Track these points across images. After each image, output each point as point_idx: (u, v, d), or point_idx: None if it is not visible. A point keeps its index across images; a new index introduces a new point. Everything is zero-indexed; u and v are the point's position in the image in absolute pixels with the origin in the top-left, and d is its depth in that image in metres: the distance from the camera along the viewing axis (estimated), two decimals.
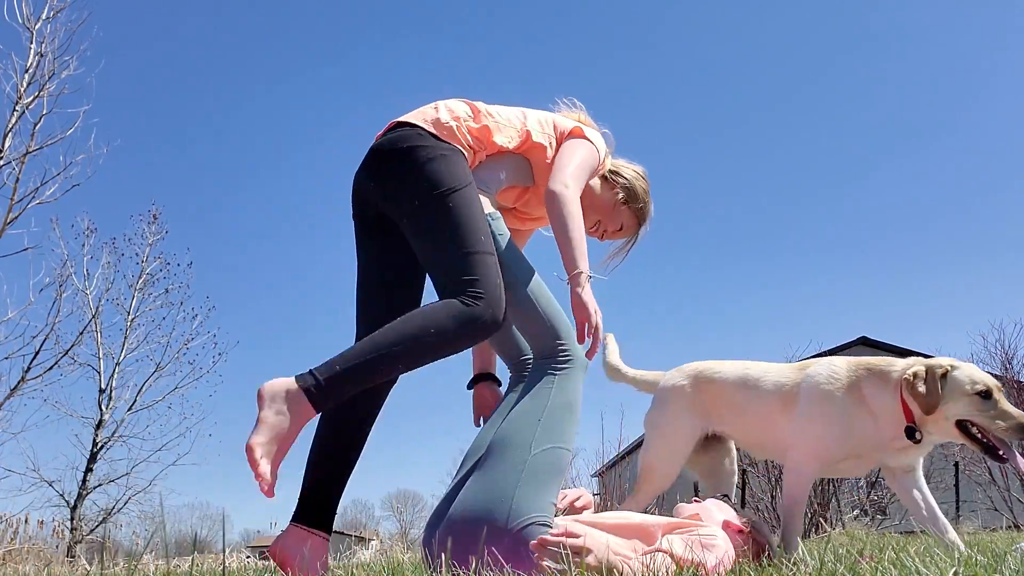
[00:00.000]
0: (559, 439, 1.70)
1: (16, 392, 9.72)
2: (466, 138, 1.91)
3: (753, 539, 1.76)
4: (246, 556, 9.77)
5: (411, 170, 1.80)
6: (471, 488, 1.66)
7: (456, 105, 1.96)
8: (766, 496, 9.25)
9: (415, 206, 1.79)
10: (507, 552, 1.54)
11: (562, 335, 1.83)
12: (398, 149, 1.84)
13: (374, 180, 1.88)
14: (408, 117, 1.92)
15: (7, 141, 7.61)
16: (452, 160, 1.83)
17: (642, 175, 2.26)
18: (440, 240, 1.75)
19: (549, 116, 2.12)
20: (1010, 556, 1.52)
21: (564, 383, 1.78)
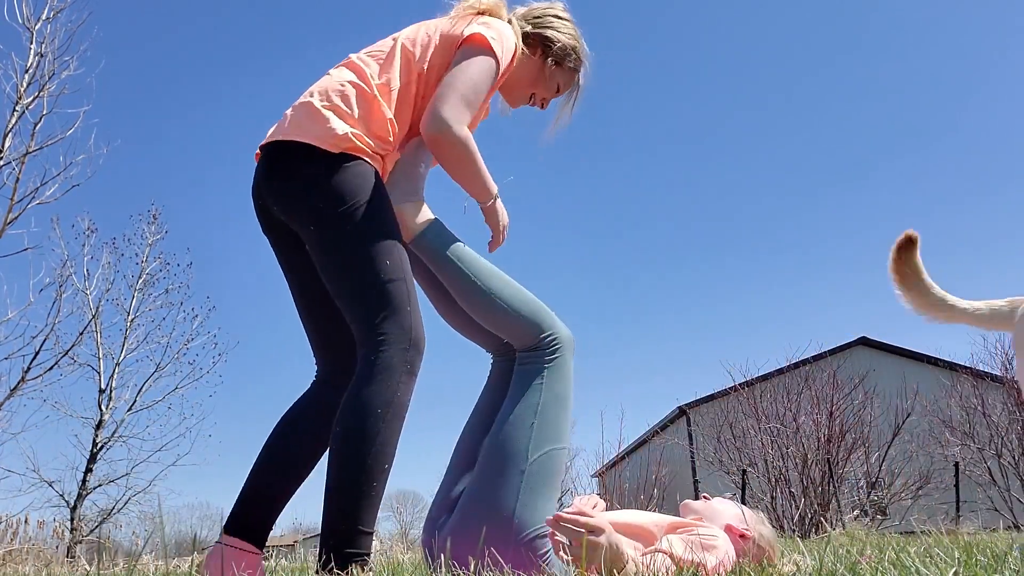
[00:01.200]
0: (555, 439, 1.67)
1: (16, 392, 9.71)
2: (369, 145, 1.65)
3: (755, 543, 1.75)
4: None
5: (307, 189, 1.60)
6: (471, 504, 1.63)
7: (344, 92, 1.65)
8: (766, 496, 9.26)
9: (312, 232, 1.60)
10: (516, 564, 1.53)
11: (543, 324, 1.76)
12: (288, 171, 1.62)
13: (274, 203, 1.67)
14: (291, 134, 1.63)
15: (7, 141, 7.61)
16: (355, 168, 1.61)
17: (563, 16, 1.94)
18: (341, 270, 1.58)
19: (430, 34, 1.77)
20: (1010, 556, 1.52)
21: (553, 375, 1.73)
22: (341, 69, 1.72)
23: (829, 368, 10.16)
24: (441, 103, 1.64)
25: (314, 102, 1.65)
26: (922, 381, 12.01)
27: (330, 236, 1.58)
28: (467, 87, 1.67)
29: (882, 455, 9.98)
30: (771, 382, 10.36)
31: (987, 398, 11.09)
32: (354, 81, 1.67)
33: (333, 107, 1.63)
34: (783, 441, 9.33)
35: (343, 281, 1.58)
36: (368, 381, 1.50)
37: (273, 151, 1.67)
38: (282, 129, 1.67)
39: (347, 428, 1.48)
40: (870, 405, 10.00)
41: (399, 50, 1.72)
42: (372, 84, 1.67)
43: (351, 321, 1.58)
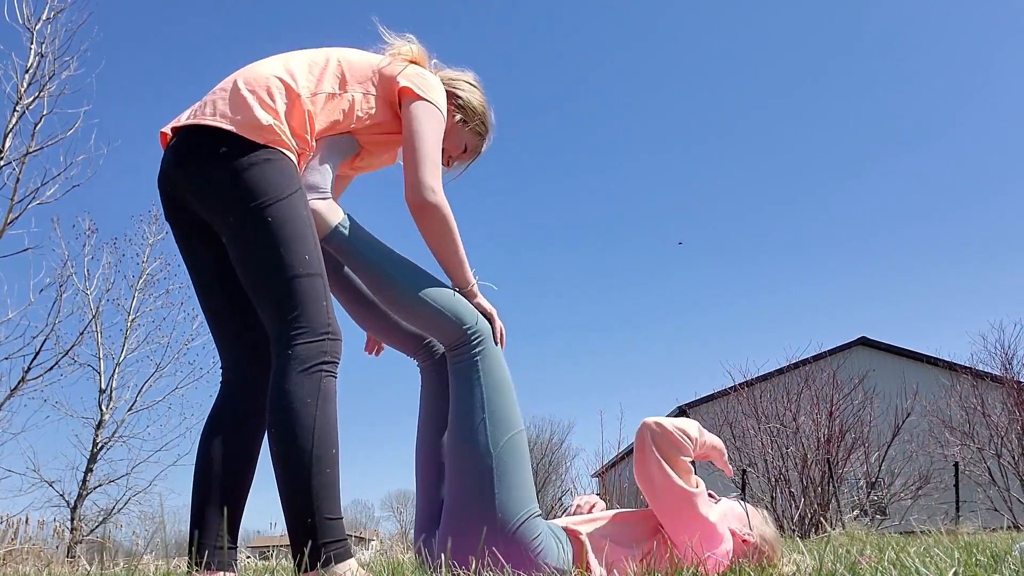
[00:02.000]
0: (510, 425, 1.67)
1: (16, 392, 9.71)
2: (289, 141, 1.64)
3: (757, 548, 1.75)
4: (246, 556, 9.77)
5: (224, 182, 1.56)
6: (454, 512, 1.63)
7: (269, 84, 1.65)
8: (766, 496, 9.26)
9: (230, 223, 1.57)
10: (509, 556, 1.54)
11: (464, 317, 1.74)
12: (206, 159, 1.58)
13: (191, 190, 1.62)
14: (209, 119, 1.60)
15: (7, 141, 7.61)
16: (275, 164, 1.59)
17: (474, 84, 2.01)
18: (257, 263, 1.55)
19: (367, 63, 1.81)
20: (1010, 556, 1.52)
21: (486, 365, 1.72)
22: (268, 62, 1.71)
23: (829, 368, 10.16)
24: (421, 172, 1.70)
25: (240, 88, 1.63)
26: (922, 381, 12.01)
27: (249, 229, 1.55)
28: (435, 152, 1.74)
29: (882, 455, 9.97)
30: (771, 382, 10.36)
31: (987, 398, 11.08)
32: (281, 77, 1.66)
33: (258, 97, 1.62)
34: (783, 441, 9.33)
35: (260, 274, 1.55)
36: (291, 373, 1.48)
37: (189, 136, 1.63)
38: (201, 113, 1.63)
39: (283, 425, 1.45)
40: (870, 405, 10.00)
41: (334, 64, 1.76)
42: (299, 84, 1.67)
43: (266, 315, 1.56)
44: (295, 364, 1.50)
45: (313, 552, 1.39)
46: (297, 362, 1.50)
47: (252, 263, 1.56)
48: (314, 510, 1.41)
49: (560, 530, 1.68)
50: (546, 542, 1.60)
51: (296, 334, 1.52)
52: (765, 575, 1.55)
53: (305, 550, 1.39)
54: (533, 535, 1.59)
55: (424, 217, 1.71)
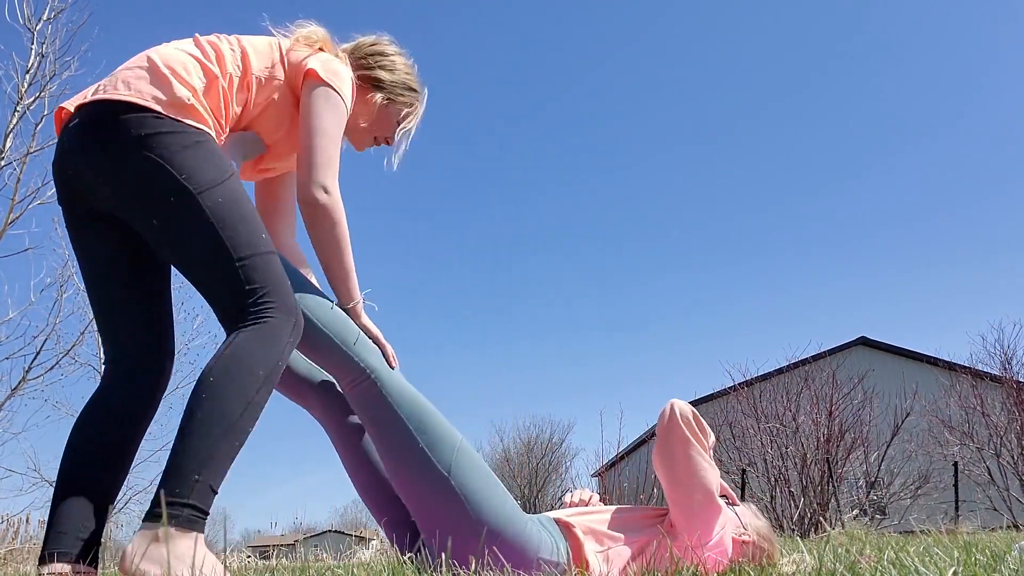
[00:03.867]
0: (450, 439, 1.59)
1: (17, 392, 9.69)
2: (210, 119, 1.51)
3: (755, 544, 1.76)
4: (246, 556, 9.78)
5: (154, 165, 1.40)
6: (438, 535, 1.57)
7: (185, 62, 1.51)
8: (765, 496, 9.27)
9: (160, 213, 1.42)
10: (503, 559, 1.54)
11: (356, 346, 1.62)
12: (126, 140, 1.41)
13: (100, 178, 1.45)
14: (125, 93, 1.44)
15: (8, 142, 7.61)
16: (208, 145, 1.46)
17: (391, 52, 1.86)
18: (208, 251, 1.42)
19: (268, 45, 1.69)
20: (1009, 556, 1.53)
21: (391, 390, 1.61)
22: (182, 42, 1.59)
23: (828, 368, 10.17)
24: (315, 168, 1.57)
25: (158, 64, 1.48)
26: (921, 381, 12.01)
27: (192, 218, 1.41)
28: (333, 145, 1.61)
29: (881, 455, 9.98)
30: (770, 382, 10.36)
31: (986, 398, 11.09)
32: (198, 56, 1.54)
33: (176, 74, 1.48)
34: (782, 441, 9.34)
35: (212, 264, 1.43)
36: (253, 341, 1.39)
37: (98, 114, 1.45)
38: (112, 88, 1.46)
39: (223, 383, 1.35)
40: (869, 405, 10.01)
41: (237, 47, 1.63)
42: (213, 63, 1.55)
43: (224, 300, 1.44)
44: (263, 334, 1.41)
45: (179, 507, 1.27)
46: (266, 332, 1.41)
47: (200, 253, 1.43)
48: (204, 472, 1.29)
49: (551, 523, 1.67)
50: (536, 536, 1.59)
51: (265, 308, 1.42)
52: (765, 575, 1.56)
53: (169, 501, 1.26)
54: (519, 529, 1.58)
55: (313, 217, 1.58)
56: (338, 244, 1.61)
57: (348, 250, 1.63)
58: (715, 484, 1.65)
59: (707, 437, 1.67)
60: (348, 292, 1.66)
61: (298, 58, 1.68)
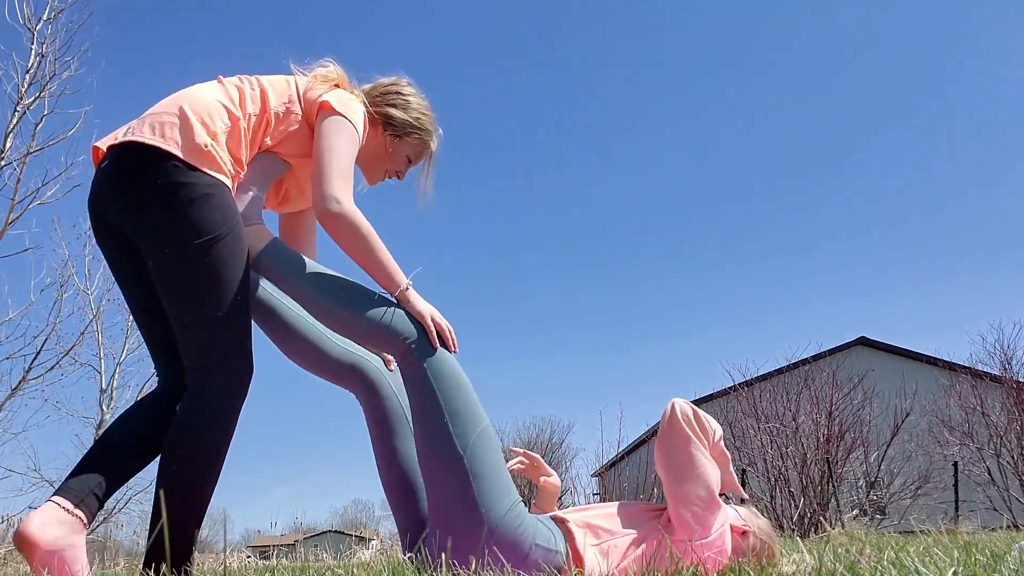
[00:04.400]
0: (475, 422, 1.66)
1: (17, 392, 9.70)
2: (226, 165, 1.64)
3: (756, 536, 1.76)
4: (246, 556, 9.79)
5: (164, 212, 1.56)
6: (437, 517, 1.63)
7: (211, 108, 1.65)
8: (765, 496, 9.28)
9: (165, 254, 1.57)
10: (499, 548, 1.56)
11: (398, 329, 1.70)
12: (146, 183, 1.56)
13: (120, 215, 1.61)
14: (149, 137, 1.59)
15: (8, 142, 7.60)
16: (215, 200, 1.59)
17: (406, 93, 1.96)
18: (189, 299, 1.58)
19: (286, 83, 1.83)
20: (1009, 556, 1.53)
21: (435, 369, 1.68)
22: (207, 88, 1.73)
23: (828, 368, 10.16)
24: (327, 183, 1.66)
25: (185, 110, 1.63)
26: (921, 381, 12.01)
27: (184, 265, 1.58)
28: (344, 163, 1.70)
29: (881, 455, 9.98)
30: (770, 382, 10.36)
31: (986, 398, 11.09)
32: (222, 101, 1.68)
33: (200, 119, 1.62)
34: (782, 441, 9.34)
35: (188, 311, 1.60)
36: (209, 403, 1.58)
37: (125, 156, 1.61)
38: (139, 131, 1.61)
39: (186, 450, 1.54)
40: (869, 405, 10.00)
41: (256, 86, 1.78)
42: (236, 107, 1.70)
43: (189, 345, 1.61)
44: (214, 397, 1.59)
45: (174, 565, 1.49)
46: (212, 398, 1.58)
47: (182, 298, 1.60)
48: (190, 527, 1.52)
49: (548, 519, 1.70)
50: (532, 525, 1.62)
51: (223, 367, 1.60)
52: (765, 575, 1.56)
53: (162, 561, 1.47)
54: (517, 522, 1.60)
55: (332, 229, 1.68)
56: (365, 246, 1.69)
57: (377, 246, 1.70)
58: (715, 481, 1.66)
59: (709, 436, 1.69)
60: (392, 281, 1.72)
61: (314, 95, 1.80)
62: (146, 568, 1.48)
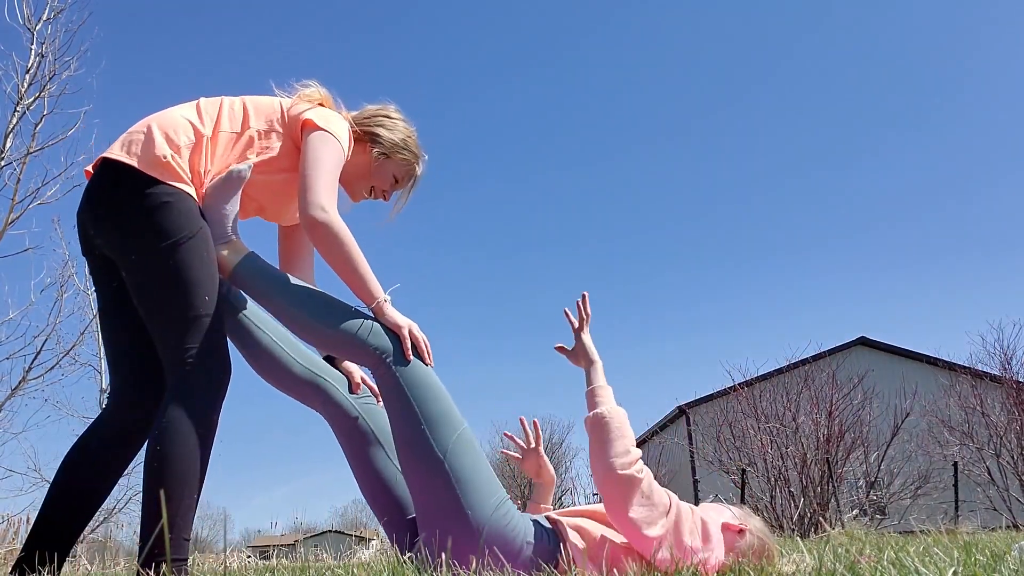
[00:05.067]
0: (452, 426, 1.68)
1: (17, 392, 9.69)
2: (185, 172, 1.70)
3: (753, 534, 1.76)
4: (247, 556, 9.79)
5: (128, 221, 1.65)
6: (425, 524, 1.65)
7: (176, 124, 1.73)
8: (765, 496, 9.28)
9: (132, 261, 1.65)
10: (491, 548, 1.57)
11: (371, 341, 1.73)
12: (112, 197, 1.67)
13: (94, 228, 1.71)
14: (117, 153, 1.69)
15: (8, 142, 7.60)
16: (176, 206, 1.66)
17: (393, 116, 2.04)
18: (158, 302, 1.64)
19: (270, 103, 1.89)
20: (1009, 556, 1.53)
21: (409, 378, 1.71)
22: (181, 107, 1.81)
23: (828, 368, 10.17)
24: (313, 191, 1.72)
25: (152, 127, 1.71)
26: (921, 381, 12.01)
27: (152, 270, 1.64)
28: (329, 174, 1.76)
29: (881, 455, 9.98)
30: (770, 382, 10.36)
31: (986, 398, 11.09)
32: (189, 118, 1.76)
33: (165, 134, 1.70)
34: (782, 441, 9.34)
35: (162, 313, 1.64)
36: (188, 404, 1.59)
37: (98, 174, 1.72)
38: (112, 149, 1.71)
39: (169, 450, 1.55)
40: (869, 405, 10.00)
41: (239, 105, 1.85)
42: (205, 124, 1.77)
43: (167, 349, 1.64)
44: (195, 395, 1.61)
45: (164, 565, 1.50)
46: (197, 393, 1.61)
47: (155, 302, 1.65)
48: (177, 531, 1.53)
49: (540, 518, 1.71)
50: (523, 523, 1.63)
51: (196, 365, 1.62)
52: (765, 575, 1.56)
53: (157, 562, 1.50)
54: (505, 521, 1.61)
55: (315, 236, 1.72)
56: (346, 255, 1.73)
57: (357, 258, 1.74)
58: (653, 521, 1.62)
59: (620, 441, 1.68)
60: (369, 294, 1.76)
61: (297, 112, 1.87)
62: (145, 567, 1.49)
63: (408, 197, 2.11)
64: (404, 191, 2.09)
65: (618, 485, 1.61)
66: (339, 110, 1.99)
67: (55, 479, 1.68)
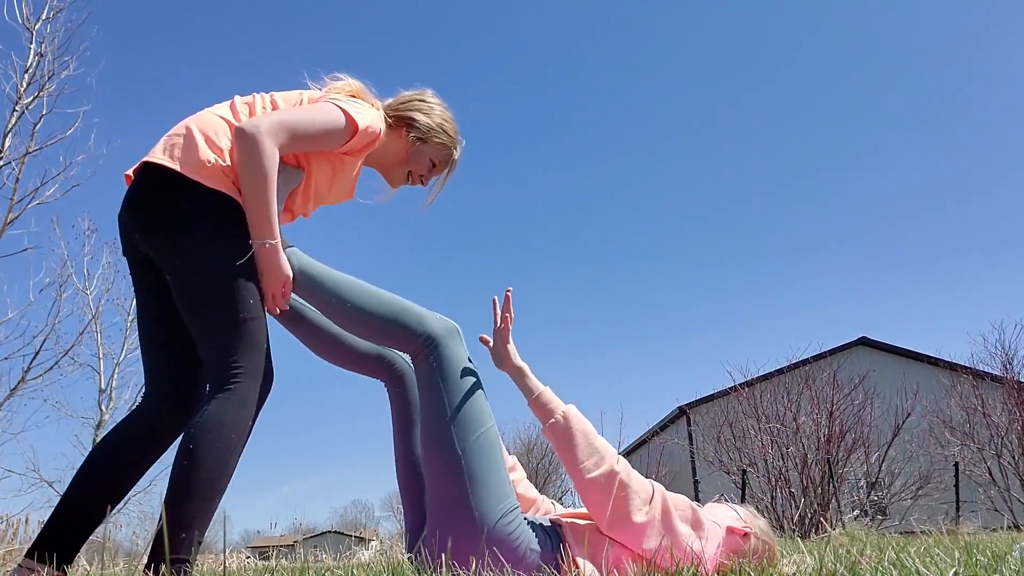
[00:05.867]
0: (477, 424, 1.69)
1: (16, 392, 9.71)
2: (228, 175, 1.69)
3: (757, 536, 1.75)
4: (246, 556, 9.77)
5: (173, 225, 1.64)
6: (433, 516, 1.66)
7: (215, 125, 1.73)
8: (766, 496, 9.27)
9: (176, 265, 1.64)
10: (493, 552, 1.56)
11: (412, 326, 1.76)
12: (156, 201, 1.66)
13: (137, 231, 1.70)
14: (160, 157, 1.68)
15: (7, 141, 7.60)
16: (220, 210, 1.66)
17: (430, 100, 2.01)
18: (203, 306, 1.63)
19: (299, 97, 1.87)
20: (1010, 556, 1.52)
21: (444, 369, 1.73)
22: (217, 106, 1.80)
23: (829, 368, 10.16)
24: (267, 114, 1.69)
25: (192, 130, 1.71)
26: (922, 381, 12.00)
27: (195, 274, 1.63)
28: (295, 118, 1.70)
29: (882, 455, 9.97)
30: (771, 382, 10.36)
31: (987, 398, 11.09)
32: (226, 117, 1.75)
33: (206, 137, 1.70)
34: (783, 441, 9.33)
35: (205, 317, 1.63)
36: (226, 409, 1.58)
37: (140, 178, 1.71)
38: (154, 153, 1.71)
39: (203, 452, 1.55)
40: (870, 405, 10.00)
41: (267, 100, 1.82)
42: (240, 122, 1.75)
43: (207, 353, 1.64)
44: (234, 402, 1.59)
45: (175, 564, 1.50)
46: (236, 400, 1.60)
47: (200, 306, 1.64)
48: (192, 532, 1.52)
49: (544, 522, 1.70)
50: (527, 532, 1.63)
51: (238, 372, 1.61)
52: (765, 575, 1.55)
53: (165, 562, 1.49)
54: (511, 528, 1.61)
55: (239, 144, 1.65)
56: (260, 174, 1.64)
57: (271, 186, 1.66)
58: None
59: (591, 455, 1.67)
60: (268, 229, 1.67)
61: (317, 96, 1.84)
62: (147, 569, 1.49)
63: (445, 183, 2.09)
64: (441, 177, 2.07)
65: (597, 485, 1.62)
66: (373, 100, 1.96)
67: (80, 469, 1.68)
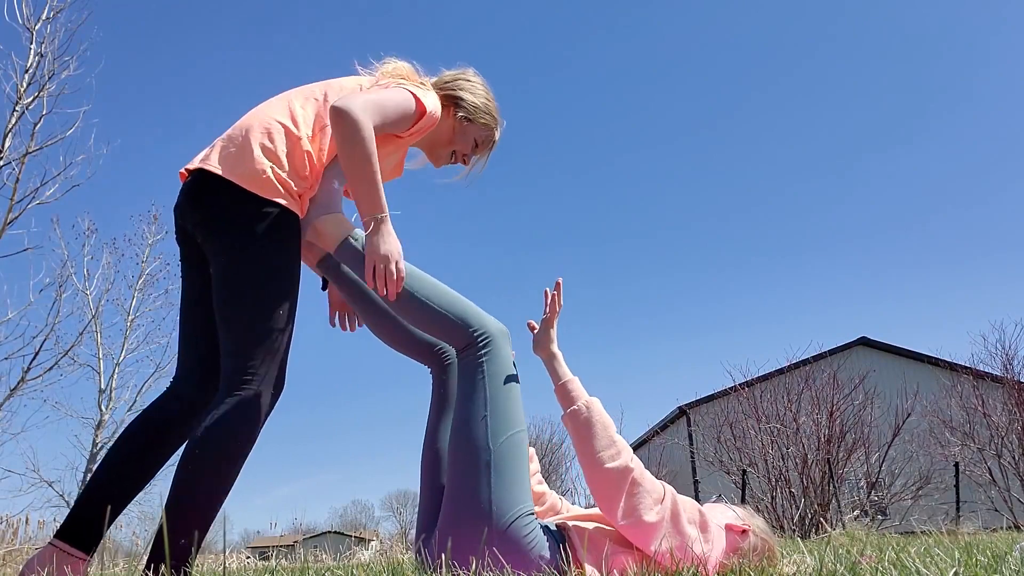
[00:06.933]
0: (512, 424, 1.71)
1: (16, 392, 9.71)
2: (287, 185, 1.72)
3: (756, 534, 1.75)
4: (246, 556, 9.77)
5: (223, 230, 1.69)
6: (451, 505, 1.66)
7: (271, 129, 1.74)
8: (766, 496, 9.26)
9: (221, 263, 1.69)
10: (503, 552, 1.56)
11: (470, 322, 1.78)
12: (209, 204, 1.71)
13: (192, 226, 1.76)
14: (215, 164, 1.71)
15: (7, 141, 7.60)
16: (270, 222, 1.69)
17: (473, 79, 2.04)
18: (234, 309, 1.67)
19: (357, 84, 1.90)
20: (1010, 557, 1.52)
21: (492, 367, 1.75)
22: (274, 104, 1.81)
23: (829, 368, 10.15)
24: (356, 95, 1.72)
25: (248, 134, 1.74)
26: (922, 381, 12.00)
27: (235, 275, 1.68)
28: (382, 98, 1.75)
29: (882, 455, 9.97)
30: (771, 382, 10.35)
31: (987, 398, 11.08)
32: (283, 121, 1.76)
33: (261, 144, 1.72)
34: (783, 441, 9.33)
35: (234, 320, 1.67)
36: (238, 414, 1.61)
37: (198, 180, 1.75)
38: (211, 158, 1.75)
39: (206, 459, 1.57)
40: (870, 405, 9.99)
41: (322, 95, 1.84)
42: (299, 124, 1.77)
43: (228, 354, 1.66)
44: (247, 407, 1.62)
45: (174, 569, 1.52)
46: (249, 406, 1.62)
47: (231, 309, 1.67)
48: (193, 534, 1.53)
49: (552, 525, 1.70)
50: (540, 538, 1.62)
51: (254, 378, 1.64)
52: (765, 575, 1.55)
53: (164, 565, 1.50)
54: (526, 532, 1.60)
55: (337, 123, 1.67)
56: (361, 154, 1.68)
57: (373, 165, 1.69)
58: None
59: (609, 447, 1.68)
60: (376, 204, 1.72)
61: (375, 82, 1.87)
62: (146, 570, 1.49)
63: (485, 162, 2.13)
64: (482, 156, 2.11)
65: (610, 478, 1.62)
66: (420, 78, 2.00)
67: (109, 450, 1.73)
